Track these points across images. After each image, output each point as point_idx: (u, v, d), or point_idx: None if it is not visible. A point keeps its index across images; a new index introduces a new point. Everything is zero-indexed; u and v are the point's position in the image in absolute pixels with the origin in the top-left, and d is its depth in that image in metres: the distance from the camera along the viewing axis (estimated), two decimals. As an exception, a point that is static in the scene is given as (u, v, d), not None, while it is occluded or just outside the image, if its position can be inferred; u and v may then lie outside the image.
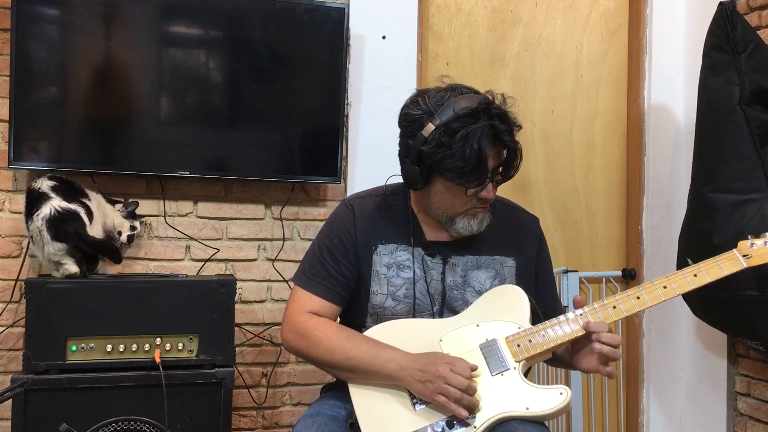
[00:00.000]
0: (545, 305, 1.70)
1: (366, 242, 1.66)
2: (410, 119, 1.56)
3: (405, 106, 1.60)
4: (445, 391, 1.43)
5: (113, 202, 2.19)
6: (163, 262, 2.32)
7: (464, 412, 1.44)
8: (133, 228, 2.18)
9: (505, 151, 1.56)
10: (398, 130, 1.61)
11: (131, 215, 2.18)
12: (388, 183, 1.75)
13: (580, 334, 1.53)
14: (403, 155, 1.59)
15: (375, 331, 1.60)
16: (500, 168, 1.57)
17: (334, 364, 1.58)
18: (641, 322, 2.73)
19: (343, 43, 2.36)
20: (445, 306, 1.64)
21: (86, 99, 2.18)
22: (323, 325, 1.60)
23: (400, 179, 1.68)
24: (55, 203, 1.96)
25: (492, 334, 1.55)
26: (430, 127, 1.50)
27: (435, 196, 1.59)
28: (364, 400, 1.53)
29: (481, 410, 1.46)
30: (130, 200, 2.21)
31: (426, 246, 1.66)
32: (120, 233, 2.16)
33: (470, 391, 1.44)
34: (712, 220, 2.19)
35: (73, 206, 1.98)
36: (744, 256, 1.53)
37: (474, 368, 1.47)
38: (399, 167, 1.63)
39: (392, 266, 1.65)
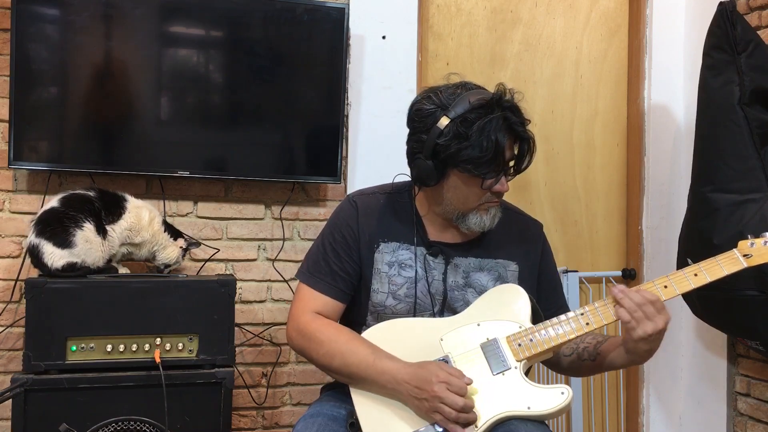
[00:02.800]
0: (548, 309, 1.68)
1: (368, 239, 1.66)
2: (423, 114, 1.56)
3: (416, 102, 1.60)
4: (440, 410, 1.42)
5: (176, 235, 2.17)
6: (163, 262, 2.32)
7: (460, 430, 1.42)
8: (179, 264, 2.18)
9: (516, 145, 1.57)
10: (398, 130, 1.61)
11: (184, 253, 2.19)
12: (394, 181, 1.75)
13: (580, 333, 1.53)
14: (415, 151, 1.58)
15: (376, 330, 1.60)
16: (512, 161, 1.57)
17: (333, 369, 1.58)
18: (641, 322, 2.72)
19: (343, 43, 2.36)
20: (446, 306, 1.64)
21: (86, 99, 2.18)
22: (325, 328, 1.60)
23: (406, 178, 1.68)
24: (31, 236, 1.96)
25: (493, 334, 1.55)
26: (445, 120, 1.51)
27: (448, 191, 1.59)
28: (364, 399, 1.53)
29: (482, 410, 1.46)
30: (194, 240, 2.22)
31: (428, 246, 1.66)
32: (167, 266, 2.14)
33: (467, 409, 1.42)
34: (712, 220, 2.19)
35: (36, 240, 1.94)
36: (744, 255, 1.53)
37: (470, 382, 1.45)
38: (399, 166, 1.63)
39: (394, 265, 1.64)
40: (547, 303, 1.72)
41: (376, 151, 2.46)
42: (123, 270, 2.09)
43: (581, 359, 1.64)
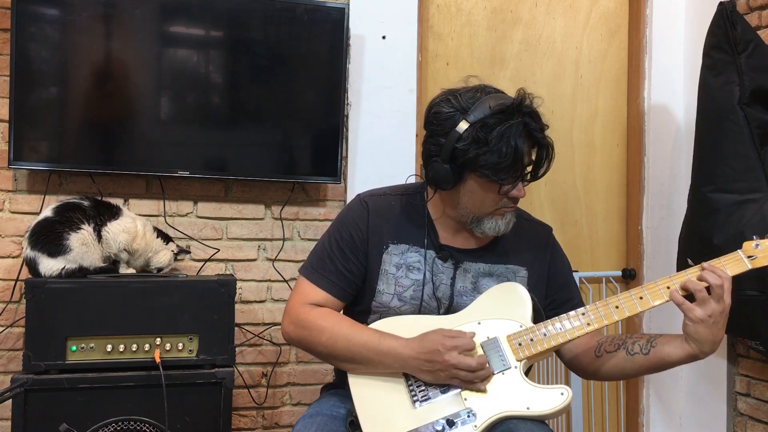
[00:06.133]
0: (562, 306, 1.67)
1: (377, 241, 1.65)
2: (442, 117, 1.54)
3: (434, 105, 1.58)
4: (458, 376, 1.47)
5: (167, 239, 2.17)
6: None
7: (481, 386, 1.47)
8: (170, 267, 2.18)
9: (534, 151, 1.56)
10: (398, 130, 1.61)
11: (176, 257, 2.19)
12: (406, 182, 1.73)
13: (581, 333, 1.53)
14: (432, 154, 1.56)
15: (379, 326, 1.60)
16: (529, 167, 1.57)
17: (336, 353, 1.57)
18: (641, 323, 2.73)
19: (343, 43, 2.35)
20: (451, 311, 1.63)
21: (86, 99, 2.18)
22: (326, 315, 1.60)
23: (416, 179, 1.67)
24: (27, 249, 1.96)
25: (493, 332, 1.54)
26: (464, 124, 1.50)
27: (465, 195, 1.58)
28: (364, 398, 1.53)
29: (482, 409, 1.46)
30: (184, 248, 2.23)
31: (439, 249, 1.65)
32: (160, 270, 2.14)
33: (480, 366, 1.46)
34: (712, 220, 2.20)
35: (32, 254, 1.95)
36: (749, 257, 1.51)
37: (472, 335, 1.50)
38: (399, 166, 1.63)
39: (401, 267, 1.64)
40: (560, 302, 1.70)
41: (376, 151, 2.46)
42: (129, 270, 2.09)
43: (630, 353, 1.55)
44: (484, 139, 1.48)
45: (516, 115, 1.50)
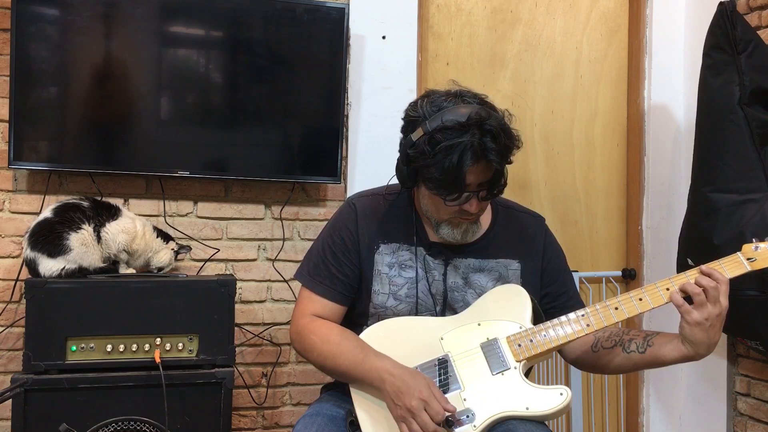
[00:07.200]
0: (557, 300, 1.68)
1: (368, 242, 1.66)
2: (407, 119, 1.56)
3: (409, 105, 1.59)
4: (409, 425, 1.40)
5: (167, 238, 2.17)
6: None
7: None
8: (171, 266, 2.18)
9: (493, 169, 1.50)
10: (398, 130, 1.61)
11: (176, 255, 2.19)
12: (392, 183, 1.74)
13: (581, 335, 1.53)
14: (399, 151, 1.58)
15: (376, 329, 1.60)
16: (486, 184, 1.52)
17: (327, 370, 1.60)
18: (641, 323, 2.73)
19: (343, 43, 2.35)
20: (447, 306, 1.64)
21: (86, 99, 2.18)
22: (318, 329, 1.60)
23: None
24: (26, 250, 1.96)
25: (493, 334, 1.55)
26: (420, 132, 1.49)
27: (423, 198, 1.61)
28: (364, 397, 1.53)
29: (481, 409, 1.46)
30: (185, 245, 2.23)
31: (428, 246, 1.66)
32: (161, 269, 2.14)
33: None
34: (712, 220, 2.20)
35: (32, 254, 1.95)
36: (748, 259, 1.51)
37: (452, 411, 1.41)
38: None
39: (394, 266, 1.65)
40: (555, 295, 1.71)
41: (376, 151, 2.46)
42: (129, 270, 2.09)
43: (627, 351, 1.56)
44: (429, 153, 1.46)
45: (472, 131, 1.44)
